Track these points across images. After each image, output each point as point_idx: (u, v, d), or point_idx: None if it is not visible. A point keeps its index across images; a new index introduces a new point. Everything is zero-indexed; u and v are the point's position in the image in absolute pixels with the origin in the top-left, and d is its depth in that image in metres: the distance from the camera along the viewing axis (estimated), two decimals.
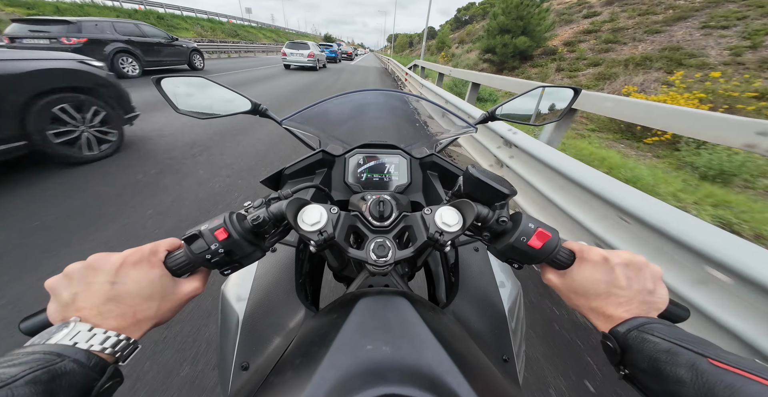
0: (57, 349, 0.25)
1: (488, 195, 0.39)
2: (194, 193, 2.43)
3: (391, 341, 0.30)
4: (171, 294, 0.33)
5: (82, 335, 0.27)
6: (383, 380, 0.25)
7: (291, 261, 0.57)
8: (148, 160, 2.96)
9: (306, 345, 0.33)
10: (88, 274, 0.31)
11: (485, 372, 0.30)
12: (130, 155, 3.06)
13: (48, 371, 0.23)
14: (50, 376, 0.23)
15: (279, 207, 0.38)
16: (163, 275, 0.33)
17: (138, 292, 0.31)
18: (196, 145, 3.47)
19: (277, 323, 0.49)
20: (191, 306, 1.42)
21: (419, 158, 0.71)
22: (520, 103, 0.78)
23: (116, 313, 0.29)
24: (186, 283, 0.35)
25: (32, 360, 0.23)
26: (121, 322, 0.29)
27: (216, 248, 0.34)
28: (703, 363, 0.24)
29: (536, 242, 0.36)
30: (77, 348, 0.25)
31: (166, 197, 2.34)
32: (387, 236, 0.42)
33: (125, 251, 0.33)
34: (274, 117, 0.75)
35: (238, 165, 3.03)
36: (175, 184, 2.54)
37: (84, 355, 0.25)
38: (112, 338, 0.28)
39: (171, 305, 0.33)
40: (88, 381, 0.25)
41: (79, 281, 0.30)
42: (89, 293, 0.30)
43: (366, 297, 0.37)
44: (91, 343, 0.27)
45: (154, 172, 2.74)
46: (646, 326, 0.29)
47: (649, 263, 0.35)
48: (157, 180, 2.60)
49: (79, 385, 0.24)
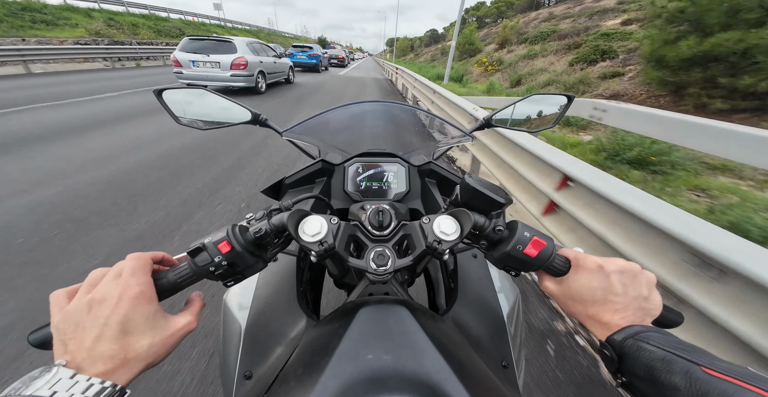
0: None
1: (484, 204, 0.40)
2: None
3: (391, 350, 0.30)
4: (164, 330, 0.31)
5: (63, 383, 0.24)
6: (384, 389, 0.26)
7: (292, 270, 0.58)
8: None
9: (308, 355, 0.34)
10: (93, 304, 0.30)
11: (484, 380, 0.31)
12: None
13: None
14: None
15: (280, 219, 0.39)
16: (157, 310, 0.32)
17: (132, 329, 0.29)
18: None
19: (279, 332, 0.49)
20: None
21: (417, 166, 0.72)
22: (516, 111, 0.79)
23: (106, 354, 0.27)
24: (178, 318, 0.34)
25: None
26: (108, 365, 0.27)
27: (219, 260, 0.34)
28: (697, 371, 0.25)
29: (532, 250, 0.37)
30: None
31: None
32: (386, 245, 0.43)
33: (124, 279, 0.31)
34: (275, 127, 0.76)
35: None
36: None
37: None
38: (96, 386, 0.25)
39: (164, 343, 0.31)
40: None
41: (79, 311, 0.29)
42: (85, 330, 0.28)
43: (366, 306, 0.38)
44: (71, 392, 0.24)
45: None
46: (642, 334, 0.30)
47: (644, 270, 0.36)
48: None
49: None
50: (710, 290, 0.96)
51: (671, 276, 1.05)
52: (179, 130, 3.93)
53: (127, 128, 4.23)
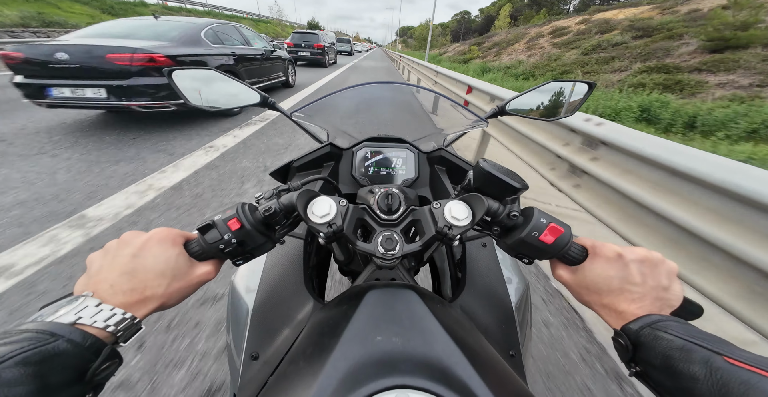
0: (51, 327, 0.24)
1: (499, 189, 0.39)
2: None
3: (400, 333, 0.30)
4: (184, 275, 0.34)
5: (88, 310, 0.27)
6: (395, 371, 0.25)
7: (299, 253, 0.58)
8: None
9: (316, 335, 0.34)
10: (118, 246, 0.32)
11: (495, 365, 0.30)
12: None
13: (39, 352, 0.22)
14: (41, 357, 0.22)
15: (290, 198, 0.38)
16: (180, 253, 0.34)
17: (153, 266, 0.31)
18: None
19: (286, 314, 0.50)
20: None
21: (427, 153, 0.70)
22: (531, 98, 0.76)
23: (126, 287, 0.30)
24: (200, 266, 0.36)
25: (23, 339, 0.22)
26: (128, 297, 0.30)
27: (229, 238, 0.34)
28: (718, 360, 0.24)
29: (548, 236, 0.35)
30: (73, 328, 0.25)
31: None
32: (395, 229, 0.42)
33: (154, 229, 0.34)
34: (282, 110, 0.75)
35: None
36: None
37: (80, 334, 0.24)
38: (117, 316, 0.28)
39: (181, 286, 0.33)
40: (82, 363, 0.24)
41: (109, 253, 0.32)
42: (112, 265, 0.31)
43: (374, 289, 0.37)
44: (95, 319, 0.26)
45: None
46: (660, 323, 0.29)
47: (666, 260, 0.34)
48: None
49: (72, 366, 0.23)
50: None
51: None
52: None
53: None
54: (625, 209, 1.40)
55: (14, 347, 0.21)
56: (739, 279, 1.02)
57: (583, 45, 14.81)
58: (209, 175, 2.62)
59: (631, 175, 1.38)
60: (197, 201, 2.22)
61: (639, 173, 1.34)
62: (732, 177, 1.02)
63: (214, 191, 2.36)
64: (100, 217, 1.96)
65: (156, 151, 3.06)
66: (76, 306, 0.27)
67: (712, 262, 1.09)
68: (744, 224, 1.01)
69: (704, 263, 1.11)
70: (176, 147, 3.19)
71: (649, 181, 1.30)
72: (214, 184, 2.47)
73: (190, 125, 3.93)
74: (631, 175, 1.38)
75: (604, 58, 11.95)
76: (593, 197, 1.57)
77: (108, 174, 2.53)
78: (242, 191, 2.40)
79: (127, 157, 2.87)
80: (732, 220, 1.05)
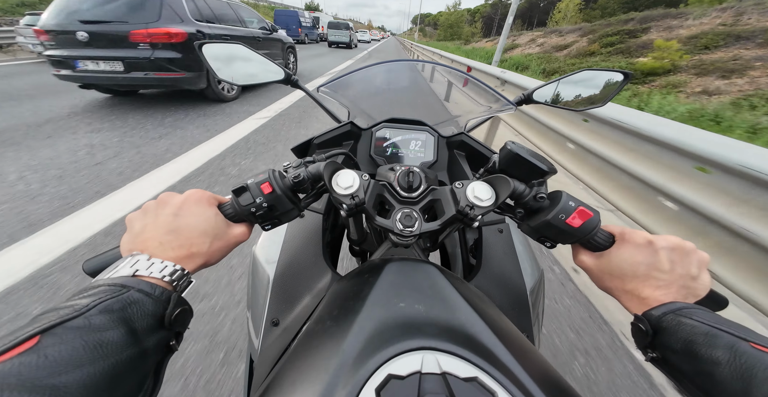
0: (120, 280, 0.25)
1: (526, 172, 0.38)
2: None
3: (422, 301, 0.30)
4: (223, 234, 0.35)
5: (141, 263, 0.28)
6: (420, 333, 0.26)
7: (318, 227, 0.59)
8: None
9: (341, 299, 0.35)
10: (158, 206, 0.34)
11: (517, 337, 0.31)
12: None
13: (118, 300, 0.23)
14: (121, 305, 0.23)
15: (317, 168, 0.39)
16: (217, 214, 0.35)
17: (195, 225, 0.33)
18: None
19: (305, 284, 0.51)
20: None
21: (447, 137, 0.70)
22: (561, 88, 0.74)
23: (174, 244, 0.31)
24: (236, 227, 0.37)
25: (100, 291, 0.24)
26: (178, 253, 0.31)
27: (261, 201, 0.35)
28: (744, 346, 0.24)
29: (576, 220, 0.35)
30: (138, 279, 0.26)
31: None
32: (414, 207, 0.42)
33: (189, 190, 0.35)
34: (305, 88, 0.76)
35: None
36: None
37: (147, 285, 0.26)
38: (169, 268, 0.29)
39: (221, 245, 0.35)
40: (157, 309, 0.26)
41: (150, 213, 0.33)
42: (156, 224, 0.32)
43: (394, 262, 0.38)
44: (150, 271, 0.28)
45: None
46: (684, 310, 0.28)
47: (698, 250, 0.34)
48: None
49: (150, 312, 0.25)
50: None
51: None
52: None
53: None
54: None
55: (93, 298, 0.23)
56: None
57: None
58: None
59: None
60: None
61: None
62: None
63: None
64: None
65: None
66: (129, 262, 0.28)
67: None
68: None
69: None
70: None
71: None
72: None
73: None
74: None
75: None
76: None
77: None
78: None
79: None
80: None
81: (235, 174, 2.57)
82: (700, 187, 1.21)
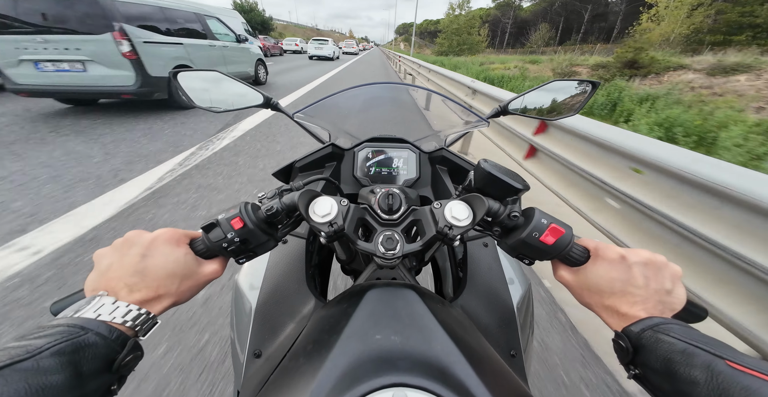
0: (80, 322, 0.26)
1: (500, 190, 0.39)
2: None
3: (400, 331, 0.30)
4: (193, 273, 0.35)
5: (106, 308, 0.28)
6: (393, 369, 0.25)
7: (301, 253, 0.59)
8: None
9: (317, 333, 0.34)
10: (125, 245, 0.33)
11: (494, 365, 0.30)
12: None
13: (72, 343, 0.23)
14: (74, 347, 0.23)
15: (291, 198, 0.39)
16: (187, 253, 0.35)
17: (163, 267, 0.32)
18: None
19: (288, 312, 0.50)
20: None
21: (428, 152, 0.70)
22: (534, 98, 0.76)
23: (140, 286, 0.31)
24: (207, 265, 0.37)
25: (57, 333, 0.24)
26: (144, 295, 0.31)
27: (232, 236, 0.35)
28: (720, 364, 0.23)
29: (549, 237, 0.35)
30: (99, 321, 0.26)
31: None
32: (395, 229, 0.42)
33: (159, 230, 0.35)
34: (285, 111, 0.76)
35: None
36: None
37: (106, 328, 0.26)
38: (133, 312, 0.29)
39: (191, 285, 0.35)
40: (110, 353, 0.26)
41: (118, 252, 0.33)
42: (122, 264, 0.32)
43: (375, 288, 0.38)
44: (113, 315, 0.28)
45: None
46: (662, 326, 0.28)
47: (669, 263, 0.34)
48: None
49: (102, 356, 0.25)
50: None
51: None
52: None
53: None
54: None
55: (49, 339, 0.23)
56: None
57: None
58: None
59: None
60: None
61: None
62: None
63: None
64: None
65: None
66: (94, 305, 0.28)
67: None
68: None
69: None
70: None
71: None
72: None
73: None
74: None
75: None
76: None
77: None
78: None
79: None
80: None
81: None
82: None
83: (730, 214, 1.02)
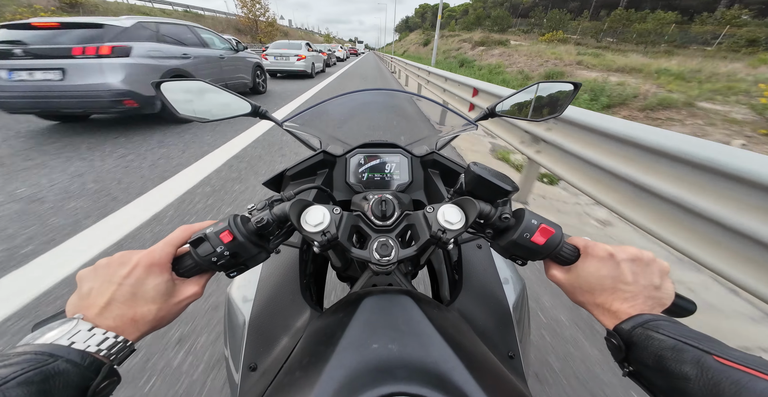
0: (49, 349, 0.24)
1: (490, 192, 0.39)
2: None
3: (396, 339, 0.30)
4: (171, 298, 0.34)
5: (81, 334, 0.27)
6: (390, 378, 0.25)
7: (295, 262, 0.58)
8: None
9: (313, 344, 0.34)
10: (107, 270, 0.32)
11: (492, 368, 0.30)
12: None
13: (40, 372, 0.22)
14: (43, 376, 0.22)
15: (282, 209, 0.38)
16: (168, 280, 0.34)
17: (143, 294, 0.32)
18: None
19: (283, 323, 0.49)
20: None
21: (420, 157, 0.71)
22: (519, 99, 0.78)
23: (117, 313, 0.30)
24: (187, 287, 0.35)
25: (23, 361, 0.22)
26: (121, 321, 0.30)
27: (221, 250, 0.34)
28: (709, 360, 0.24)
29: (539, 237, 0.36)
30: (71, 348, 0.25)
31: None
32: (389, 235, 0.42)
33: (143, 253, 0.33)
34: (274, 119, 0.75)
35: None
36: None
37: (78, 355, 0.25)
38: (110, 340, 0.28)
39: (169, 310, 0.34)
40: (83, 381, 0.24)
41: (99, 276, 0.32)
42: (101, 289, 0.31)
43: (370, 296, 0.37)
44: (88, 343, 0.27)
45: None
46: (651, 323, 0.29)
47: (657, 259, 0.35)
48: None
49: (74, 385, 0.24)
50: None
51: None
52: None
53: None
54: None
55: (15, 368, 0.22)
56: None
57: None
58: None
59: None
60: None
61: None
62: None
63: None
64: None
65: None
66: (70, 330, 0.27)
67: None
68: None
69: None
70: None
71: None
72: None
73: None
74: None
75: None
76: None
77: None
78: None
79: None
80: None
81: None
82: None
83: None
